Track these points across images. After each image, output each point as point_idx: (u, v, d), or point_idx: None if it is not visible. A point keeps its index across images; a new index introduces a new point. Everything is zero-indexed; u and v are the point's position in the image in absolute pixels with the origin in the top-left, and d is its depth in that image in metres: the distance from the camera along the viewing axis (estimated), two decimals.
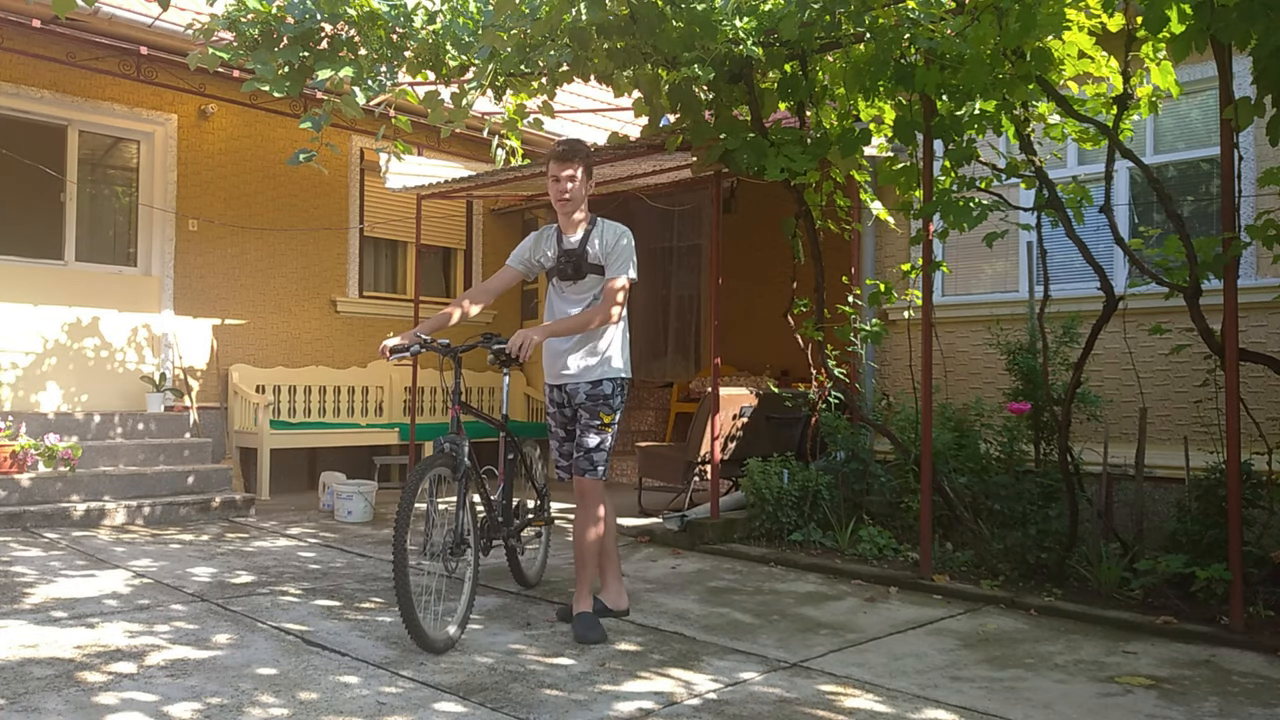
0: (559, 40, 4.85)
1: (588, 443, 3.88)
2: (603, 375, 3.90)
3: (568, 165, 3.85)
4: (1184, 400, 5.69)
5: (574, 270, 3.89)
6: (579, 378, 3.90)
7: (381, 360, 8.97)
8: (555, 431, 4.09)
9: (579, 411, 3.92)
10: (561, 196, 3.86)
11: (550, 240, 4.01)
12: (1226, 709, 3.08)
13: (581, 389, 3.90)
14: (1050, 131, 5.02)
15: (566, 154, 3.86)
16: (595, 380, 3.89)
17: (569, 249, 3.91)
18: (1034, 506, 5.02)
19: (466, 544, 3.71)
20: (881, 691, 3.19)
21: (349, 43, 5.19)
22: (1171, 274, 4.23)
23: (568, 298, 3.97)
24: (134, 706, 2.83)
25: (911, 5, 4.52)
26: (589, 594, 3.88)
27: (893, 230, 6.94)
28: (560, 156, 3.86)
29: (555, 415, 4.08)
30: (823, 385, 6.05)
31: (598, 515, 3.90)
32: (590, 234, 3.92)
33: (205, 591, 4.37)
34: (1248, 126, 3.88)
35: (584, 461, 3.88)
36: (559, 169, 3.85)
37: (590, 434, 3.88)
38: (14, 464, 6.20)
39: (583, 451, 3.89)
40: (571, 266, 3.89)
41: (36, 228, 7.39)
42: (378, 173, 8.24)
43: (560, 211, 3.92)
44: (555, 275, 3.98)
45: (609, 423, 3.90)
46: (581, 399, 3.90)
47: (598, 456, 3.87)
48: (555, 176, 3.87)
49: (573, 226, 3.93)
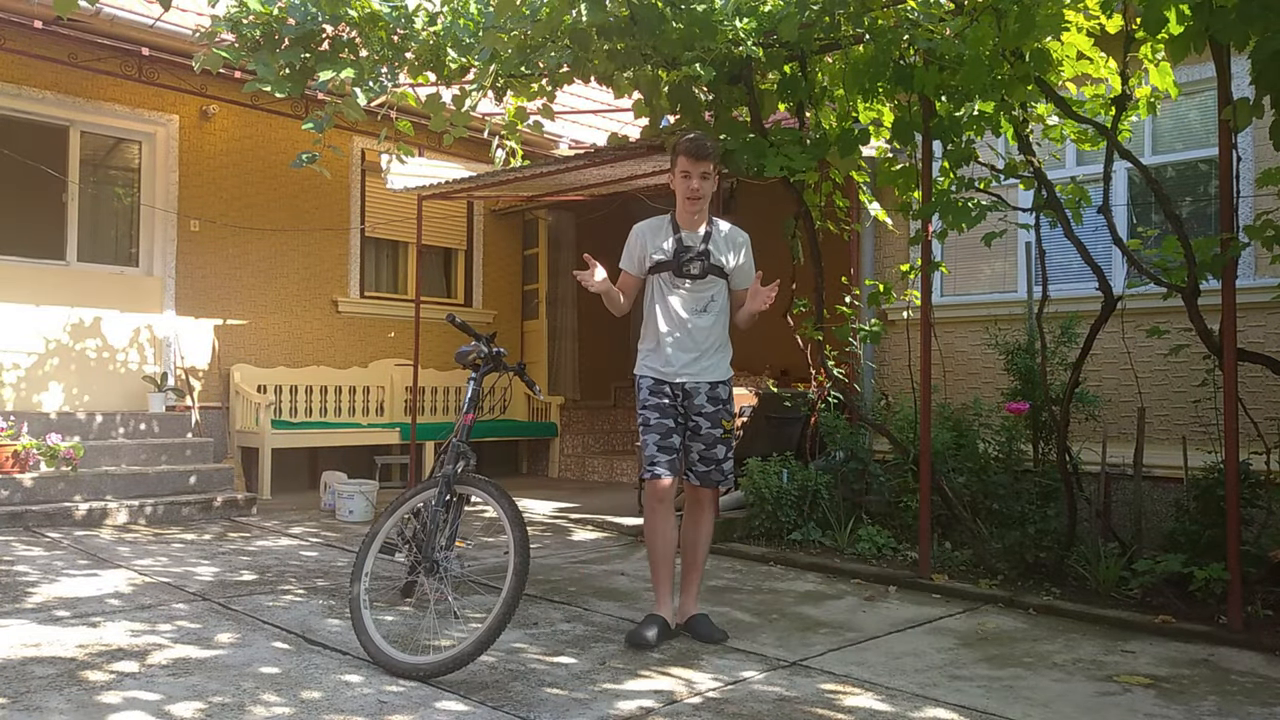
0: (559, 41, 4.86)
1: (717, 454, 3.82)
2: (721, 377, 3.84)
3: (703, 163, 3.74)
4: (1182, 400, 5.71)
5: (700, 269, 3.77)
6: (700, 377, 3.80)
7: (382, 360, 9.03)
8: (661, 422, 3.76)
9: (697, 419, 3.80)
10: (695, 195, 3.75)
11: (665, 234, 3.85)
12: (1225, 708, 3.09)
13: (702, 389, 3.80)
14: (1049, 132, 5.03)
15: (701, 151, 3.74)
16: (714, 381, 3.81)
17: (693, 246, 3.79)
18: (1032, 506, 5.03)
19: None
20: (881, 690, 3.20)
21: (350, 44, 5.21)
22: (1170, 274, 4.25)
23: (684, 295, 3.80)
24: (136, 705, 2.84)
25: (911, 6, 4.53)
26: (695, 597, 3.91)
27: (892, 230, 6.96)
28: (694, 154, 3.74)
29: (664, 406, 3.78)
30: (822, 385, 6.06)
31: (712, 521, 3.93)
32: (712, 233, 3.84)
33: (207, 591, 4.39)
34: (1246, 127, 3.89)
35: (717, 474, 3.83)
36: (693, 165, 3.74)
37: (718, 445, 3.82)
38: (16, 464, 6.21)
39: (714, 464, 3.82)
40: (699, 265, 3.77)
41: (38, 228, 7.41)
42: (379, 173, 8.26)
43: (687, 210, 3.80)
44: (673, 270, 3.80)
45: (731, 429, 3.85)
46: (702, 401, 3.80)
47: (727, 467, 3.85)
48: (687, 173, 3.75)
49: (695, 224, 3.82)
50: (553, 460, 9.87)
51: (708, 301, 3.82)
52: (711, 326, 3.83)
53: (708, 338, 3.81)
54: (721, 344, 3.86)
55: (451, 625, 3.71)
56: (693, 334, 3.80)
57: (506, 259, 10.25)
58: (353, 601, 3.37)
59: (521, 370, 3.94)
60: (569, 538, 6.22)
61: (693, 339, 3.79)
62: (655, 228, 3.88)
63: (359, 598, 3.36)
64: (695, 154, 3.74)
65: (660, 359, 3.81)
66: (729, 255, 3.84)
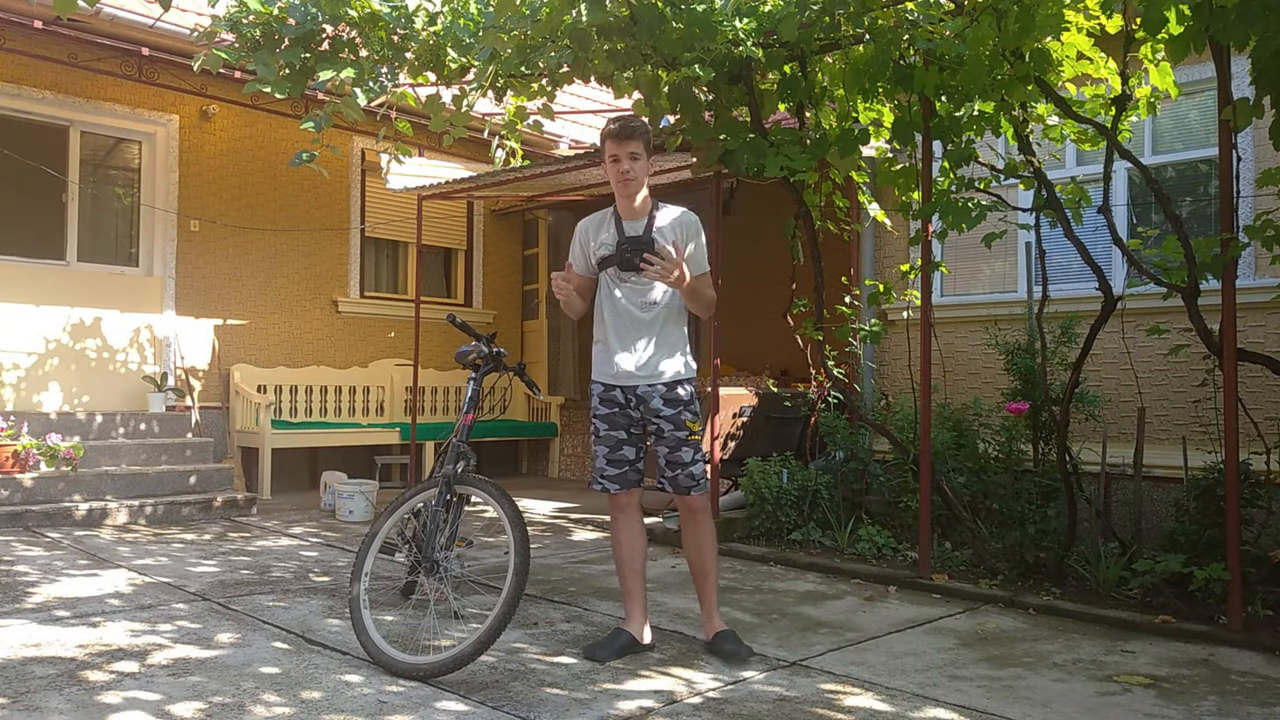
0: (559, 42, 4.86)
1: (683, 458, 3.54)
2: (678, 375, 3.57)
3: (628, 142, 3.48)
4: (1182, 400, 5.71)
5: (641, 260, 3.44)
6: (653, 379, 3.54)
7: (382, 360, 9.03)
8: (610, 435, 3.61)
9: (658, 422, 3.55)
10: (624, 177, 3.49)
11: (608, 227, 3.61)
12: (1225, 708, 3.09)
13: (656, 392, 3.53)
14: (1049, 132, 5.03)
15: (624, 131, 3.49)
16: (671, 382, 3.55)
17: (634, 236, 3.53)
18: (1032, 506, 5.04)
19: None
20: (881, 690, 3.20)
21: (350, 44, 5.21)
22: (1170, 274, 4.25)
23: (629, 290, 3.56)
24: (137, 705, 2.84)
25: (911, 6, 4.53)
26: (717, 609, 3.67)
27: (891, 231, 6.96)
28: (617, 135, 3.49)
29: (614, 416, 3.61)
30: (822, 385, 6.06)
31: (710, 528, 3.65)
32: (655, 219, 3.57)
33: (207, 591, 4.39)
34: (1246, 127, 3.89)
35: (685, 479, 3.56)
36: (618, 147, 3.49)
37: (683, 448, 3.54)
38: (16, 464, 6.21)
39: (681, 469, 3.55)
40: (638, 256, 3.45)
41: (38, 228, 7.41)
42: (379, 173, 8.26)
43: (621, 195, 3.55)
44: (615, 265, 3.55)
45: (697, 430, 3.57)
46: (658, 404, 3.54)
47: (697, 470, 3.56)
48: (614, 156, 3.50)
49: (635, 212, 3.57)
50: (553, 460, 9.87)
51: (661, 295, 3.56)
52: (662, 323, 3.57)
53: (657, 335, 3.55)
54: (674, 340, 3.59)
55: (452, 625, 3.71)
56: (640, 332, 3.54)
57: (506, 259, 10.25)
58: (352, 601, 3.37)
59: (522, 370, 3.91)
60: (569, 538, 6.22)
61: (640, 338, 3.54)
62: (598, 222, 3.66)
63: (359, 598, 3.36)
64: (619, 135, 3.49)
65: (608, 363, 3.59)
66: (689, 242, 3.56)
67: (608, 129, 3.54)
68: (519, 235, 10.33)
